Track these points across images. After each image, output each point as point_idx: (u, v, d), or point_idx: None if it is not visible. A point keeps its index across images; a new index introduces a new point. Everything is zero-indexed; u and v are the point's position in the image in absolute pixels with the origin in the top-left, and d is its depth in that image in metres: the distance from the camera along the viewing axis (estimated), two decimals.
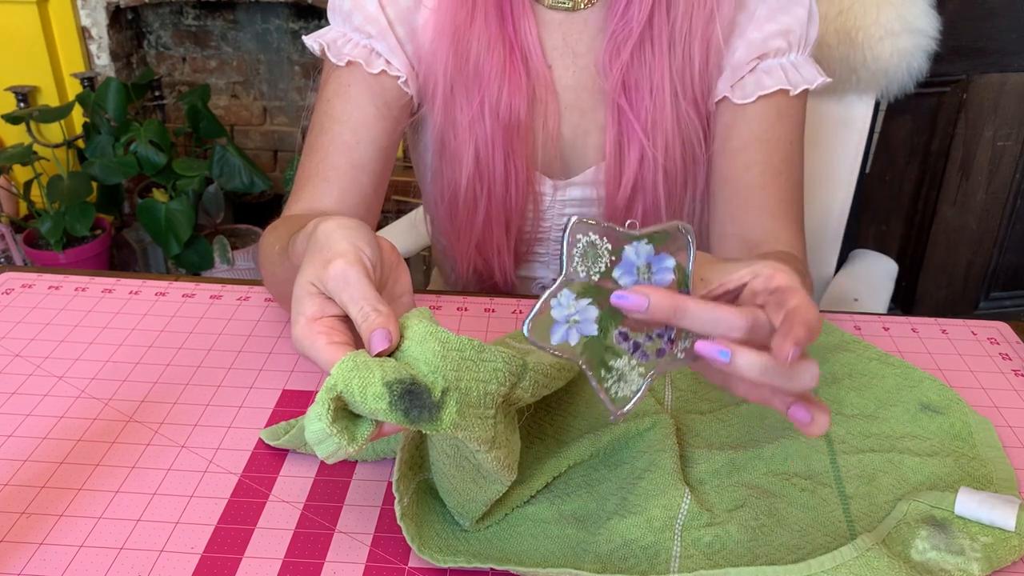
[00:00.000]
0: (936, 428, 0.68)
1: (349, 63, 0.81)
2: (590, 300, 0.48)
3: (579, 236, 0.48)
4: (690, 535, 0.57)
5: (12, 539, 0.56)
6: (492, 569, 0.55)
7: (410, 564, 0.55)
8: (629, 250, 0.49)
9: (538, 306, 0.47)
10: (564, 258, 0.48)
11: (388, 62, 0.81)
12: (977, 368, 0.77)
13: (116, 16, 2.29)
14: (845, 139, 1.17)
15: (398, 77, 0.82)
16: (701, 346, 0.47)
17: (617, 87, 0.81)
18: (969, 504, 0.57)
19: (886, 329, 0.83)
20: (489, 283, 0.92)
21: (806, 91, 0.82)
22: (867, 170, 1.23)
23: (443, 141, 0.84)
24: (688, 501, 0.58)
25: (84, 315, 0.81)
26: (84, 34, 2.27)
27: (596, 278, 0.48)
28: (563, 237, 0.48)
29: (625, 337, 0.49)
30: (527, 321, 0.47)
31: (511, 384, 0.52)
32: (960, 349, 0.80)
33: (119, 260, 2.35)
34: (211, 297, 0.85)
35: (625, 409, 0.50)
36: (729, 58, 0.81)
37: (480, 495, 0.56)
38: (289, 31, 2.44)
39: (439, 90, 0.82)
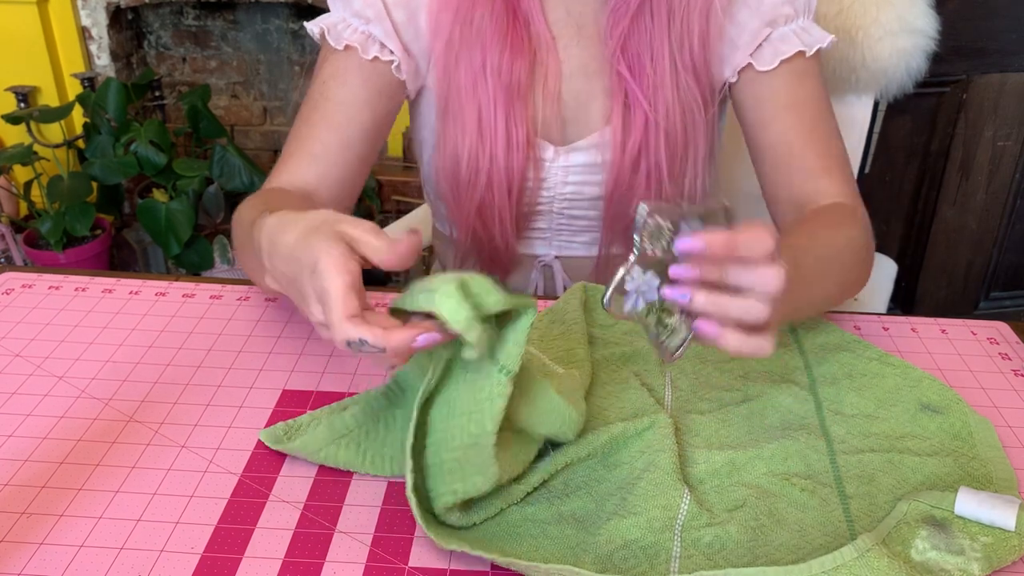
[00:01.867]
0: (936, 428, 0.68)
1: (347, 47, 0.84)
2: (654, 271, 0.56)
3: (648, 221, 0.55)
4: (690, 535, 0.57)
5: (12, 539, 0.56)
6: (493, 567, 0.55)
7: (410, 564, 0.55)
8: (683, 225, 0.56)
9: (615, 282, 0.56)
10: (636, 239, 0.56)
11: (383, 46, 0.84)
12: (977, 368, 0.77)
13: (116, 16, 2.29)
14: (845, 139, 1.17)
15: (391, 62, 0.85)
16: (700, 324, 0.56)
17: (618, 54, 0.84)
18: (969, 504, 0.57)
19: (886, 329, 0.83)
20: (489, 249, 0.93)
21: (819, 51, 0.86)
22: (867, 170, 1.24)
23: (446, 105, 0.86)
24: (688, 501, 0.58)
25: (84, 315, 0.81)
26: (84, 34, 2.27)
27: (659, 252, 0.56)
28: (636, 221, 0.56)
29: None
30: (607, 295, 0.56)
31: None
32: (960, 349, 0.80)
33: (119, 260, 2.35)
34: (211, 297, 0.85)
35: (676, 354, 0.57)
36: (738, 28, 0.85)
37: (468, 467, 0.56)
38: (289, 31, 2.44)
39: (442, 59, 0.85)
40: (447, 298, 0.51)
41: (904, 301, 2.26)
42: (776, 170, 0.87)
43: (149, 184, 2.21)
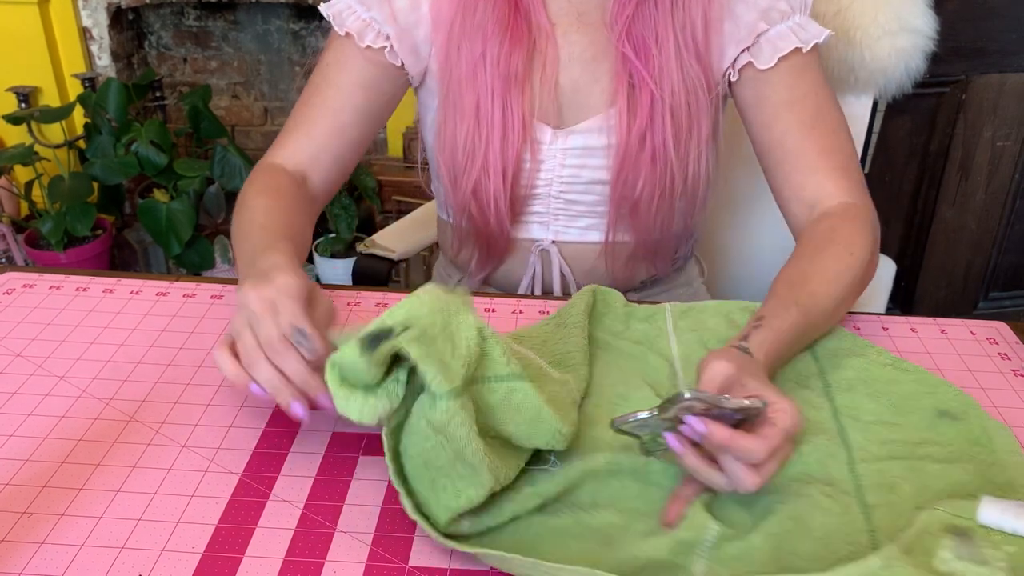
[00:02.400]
0: (955, 434, 0.67)
1: (347, 34, 0.88)
2: (667, 420, 0.59)
3: (685, 395, 0.58)
4: (716, 549, 0.56)
5: (13, 538, 0.56)
6: (492, 568, 0.55)
7: (411, 563, 0.55)
8: (716, 410, 0.59)
9: (638, 418, 0.59)
10: (659, 404, 0.59)
11: (379, 33, 0.87)
12: (976, 368, 0.77)
13: (117, 16, 2.29)
14: None
15: (385, 47, 0.88)
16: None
17: (623, 38, 0.86)
18: (992, 513, 0.57)
19: (885, 329, 0.83)
20: (485, 233, 0.94)
21: (816, 47, 0.87)
22: (866, 170, 1.23)
23: (446, 92, 0.89)
24: (716, 527, 0.57)
25: (85, 315, 0.81)
26: (85, 34, 2.27)
27: (674, 413, 0.59)
28: (672, 395, 0.59)
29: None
30: (625, 421, 0.60)
31: (479, 329, 0.59)
32: (959, 349, 0.80)
33: (120, 260, 2.35)
34: (212, 297, 0.85)
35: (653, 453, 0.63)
36: (735, 21, 0.87)
37: (460, 483, 0.56)
38: (290, 32, 2.44)
39: (443, 48, 0.87)
40: (339, 401, 0.58)
41: (903, 301, 2.26)
42: (780, 168, 0.88)
43: (150, 184, 2.21)
